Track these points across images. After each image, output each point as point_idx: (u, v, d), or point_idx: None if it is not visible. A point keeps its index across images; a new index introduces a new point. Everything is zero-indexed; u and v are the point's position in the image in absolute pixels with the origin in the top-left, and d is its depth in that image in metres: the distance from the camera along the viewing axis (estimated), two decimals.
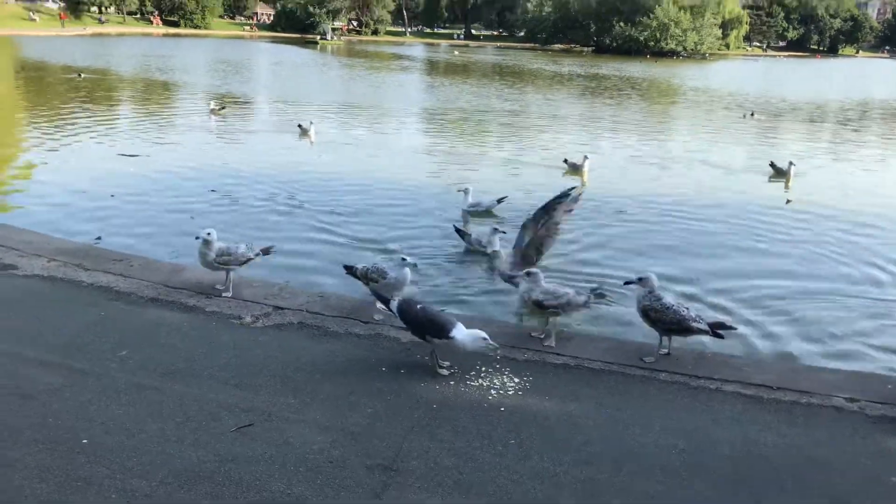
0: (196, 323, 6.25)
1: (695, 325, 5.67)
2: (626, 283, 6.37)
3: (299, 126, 19.31)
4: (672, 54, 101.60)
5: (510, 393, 5.19)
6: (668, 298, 5.89)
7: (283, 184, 13.31)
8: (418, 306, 5.55)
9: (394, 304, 5.64)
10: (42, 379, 5.04)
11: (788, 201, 13.78)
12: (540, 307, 6.20)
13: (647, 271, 6.09)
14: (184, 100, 26.14)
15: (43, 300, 6.60)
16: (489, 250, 9.65)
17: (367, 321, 6.42)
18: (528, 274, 6.26)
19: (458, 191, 12.11)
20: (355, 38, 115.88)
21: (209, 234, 6.73)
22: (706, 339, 6.07)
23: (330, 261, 8.91)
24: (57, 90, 28.99)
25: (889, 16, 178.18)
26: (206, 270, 6.99)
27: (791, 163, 15.77)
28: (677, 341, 6.04)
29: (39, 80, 33.80)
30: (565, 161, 15.94)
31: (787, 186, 15.29)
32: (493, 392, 5.19)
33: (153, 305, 6.58)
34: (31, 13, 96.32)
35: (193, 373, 5.27)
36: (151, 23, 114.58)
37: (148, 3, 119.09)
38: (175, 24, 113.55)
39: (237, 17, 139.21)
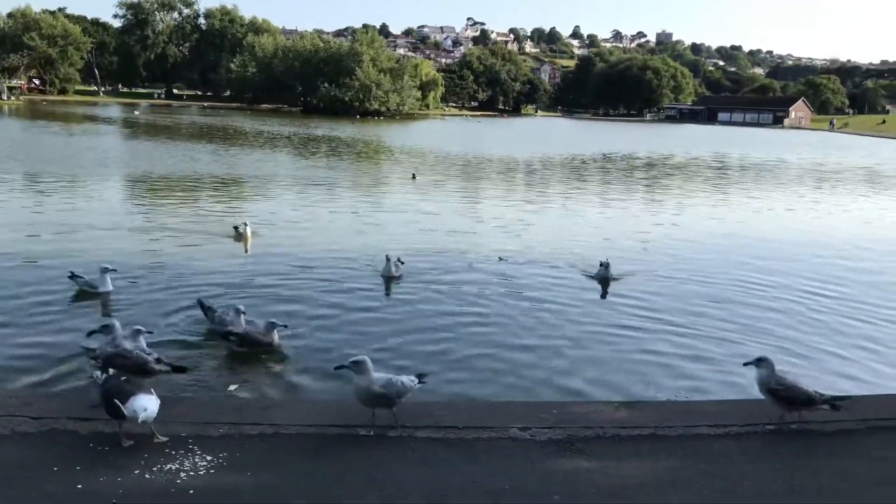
0: None
1: None
2: (746, 363, 6.25)
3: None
4: (376, 114, 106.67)
5: (202, 473, 4.95)
6: None
7: None
8: None
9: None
10: None
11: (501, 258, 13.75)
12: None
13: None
14: None
15: None
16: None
17: (39, 416, 5.73)
18: None
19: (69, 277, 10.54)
20: (38, 97, 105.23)
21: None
22: None
23: None
24: None
25: (558, 80, 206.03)
26: None
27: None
28: None
29: None
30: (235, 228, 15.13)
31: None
32: (182, 475, 4.91)
33: None
34: None
35: None
36: None
37: None
38: None
39: None
